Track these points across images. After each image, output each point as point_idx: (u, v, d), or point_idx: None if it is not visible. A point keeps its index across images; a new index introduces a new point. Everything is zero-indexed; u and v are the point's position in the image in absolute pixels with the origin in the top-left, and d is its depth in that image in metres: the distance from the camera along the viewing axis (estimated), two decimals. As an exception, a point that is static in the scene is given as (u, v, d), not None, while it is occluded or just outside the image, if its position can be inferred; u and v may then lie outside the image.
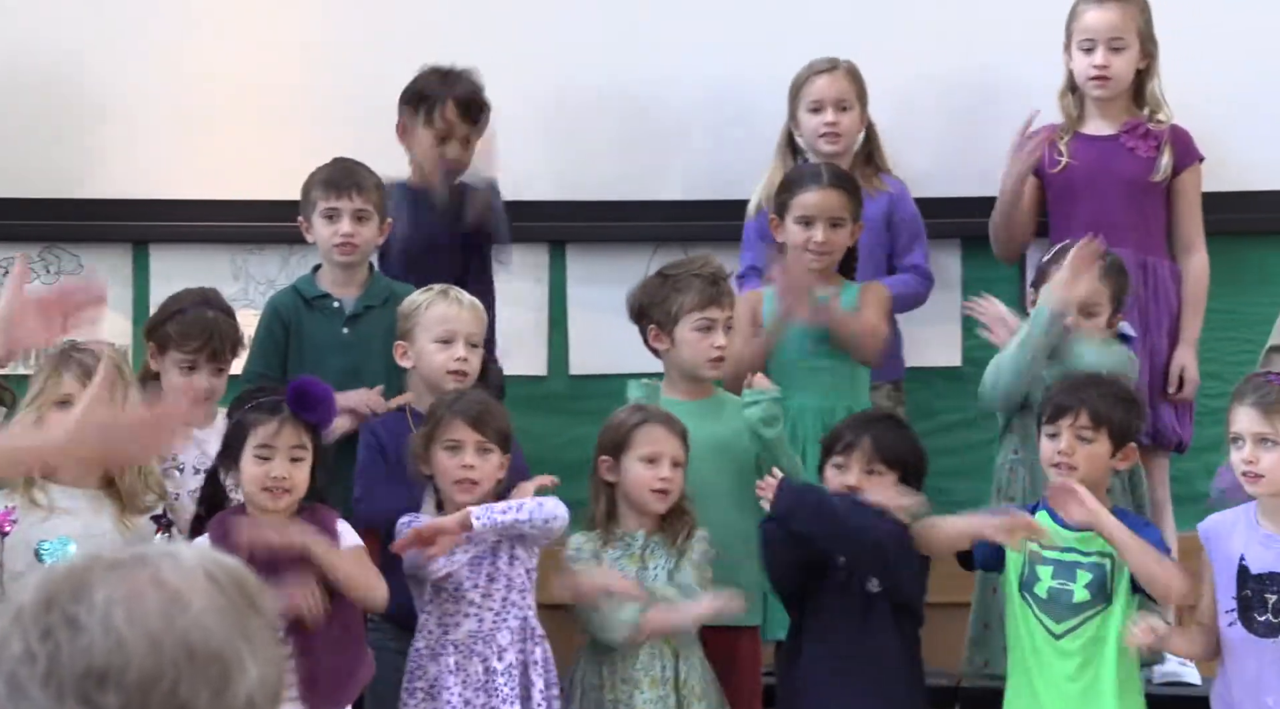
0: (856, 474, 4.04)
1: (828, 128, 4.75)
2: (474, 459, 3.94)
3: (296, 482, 3.85)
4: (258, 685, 1.45)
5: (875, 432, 4.09)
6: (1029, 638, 3.99)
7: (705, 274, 4.34)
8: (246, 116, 5.17)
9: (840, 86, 4.77)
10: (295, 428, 3.85)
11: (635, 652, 4.02)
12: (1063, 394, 4.02)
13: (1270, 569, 3.84)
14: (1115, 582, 3.96)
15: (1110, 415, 3.97)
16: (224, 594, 1.45)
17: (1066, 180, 4.77)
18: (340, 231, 4.50)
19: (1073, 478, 3.97)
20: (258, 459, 3.85)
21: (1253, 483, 3.84)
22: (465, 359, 4.25)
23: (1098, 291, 4.28)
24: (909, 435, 4.16)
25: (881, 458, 4.05)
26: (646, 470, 4.07)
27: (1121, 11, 4.70)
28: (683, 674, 4.05)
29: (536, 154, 5.16)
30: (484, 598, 3.94)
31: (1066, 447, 3.96)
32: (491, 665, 3.92)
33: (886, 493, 4.00)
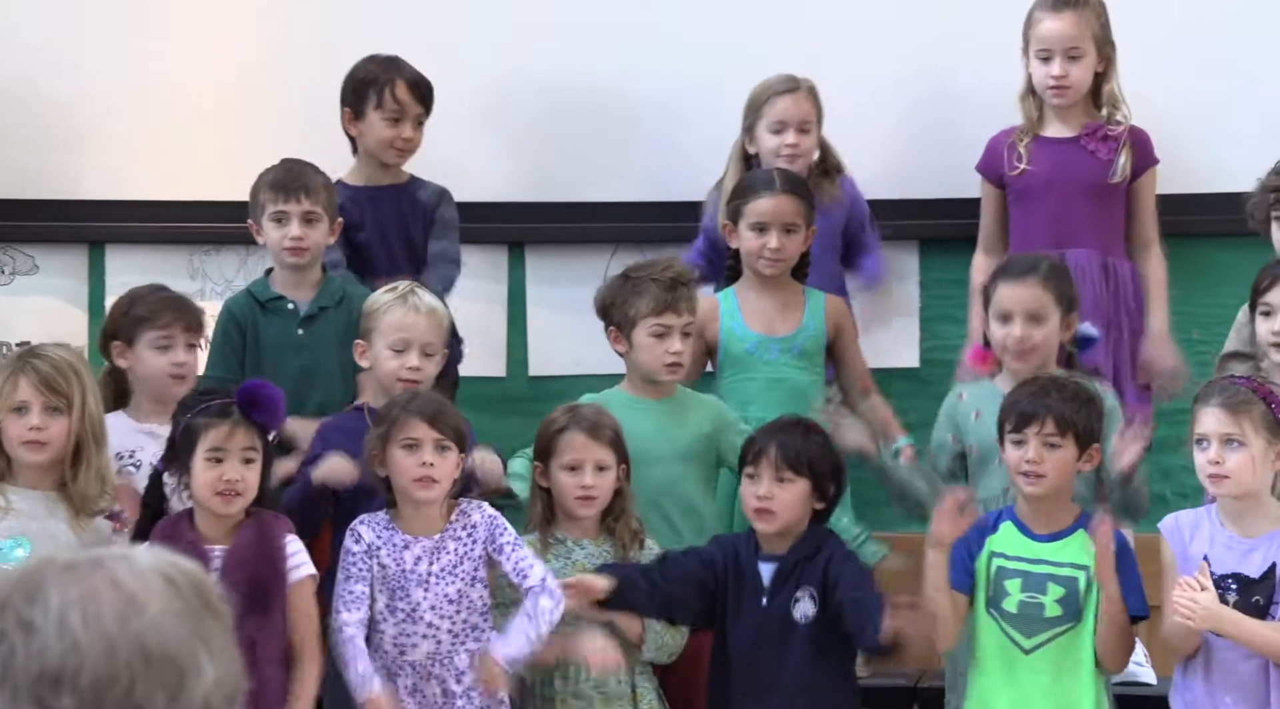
0: (767, 483, 4.03)
1: (789, 148, 4.75)
2: (433, 457, 3.92)
3: (249, 484, 3.83)
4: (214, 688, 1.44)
5: (781, 438, 4.06)
6: (997, 654, 3.95)
7: (663, 279, 4.32)
8: (203, 117, 5.15)
9: (803, 108, 4.77)
10: (247, 430, 3.83)
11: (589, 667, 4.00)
12: (1027, 401, 3.99)
13: (1232, 570, 3.85)
14: (1087, 596, 3.94)
15: (1075, 419, 3.95)
16: (180, 596, 1.45)
17: (1026, 183, 4.79)
18: (289, 235, 4.49)
19: (1041, 486, 3.96)
20: (209, 462, 3.81)
21: (1218, 484, 3.84)
22: (418, 368, 4.22)
23: (1038, 299, 4.25)
24: (819, 439, 4.11)
25: (789, 465, 4.02)
26: (569, 478, 4.06)
27: (1077, 20, 4.71)
28: (639, 688, 4.04)
29: (495, 155, 5.16)
30: (442, 619, 3.92)
31: (1035, 455, 3.93)
32: (450, 688, 3.90)
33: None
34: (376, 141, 4.71)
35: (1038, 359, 4.25)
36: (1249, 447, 3.80)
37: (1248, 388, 3.87)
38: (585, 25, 5.15)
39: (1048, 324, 4.24)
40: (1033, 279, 4.26)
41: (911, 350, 5.15)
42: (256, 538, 3.81)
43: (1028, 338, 4.22)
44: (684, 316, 4.32)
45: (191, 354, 4.33)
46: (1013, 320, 4.23)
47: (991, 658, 3.96)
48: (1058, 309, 4.25)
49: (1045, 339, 4.24)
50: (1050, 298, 4.25)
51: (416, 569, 3.91)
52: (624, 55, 5.14)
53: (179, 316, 4.29)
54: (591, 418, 4.10)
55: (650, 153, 5.14)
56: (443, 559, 3.93)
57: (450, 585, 3.91)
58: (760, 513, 4.04)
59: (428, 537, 3.95)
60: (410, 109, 4.68)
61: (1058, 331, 4.27)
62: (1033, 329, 4.22)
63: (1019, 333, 4.21)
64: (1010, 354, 4.24)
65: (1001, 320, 4.25)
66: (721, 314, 4.63)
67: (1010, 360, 4.26)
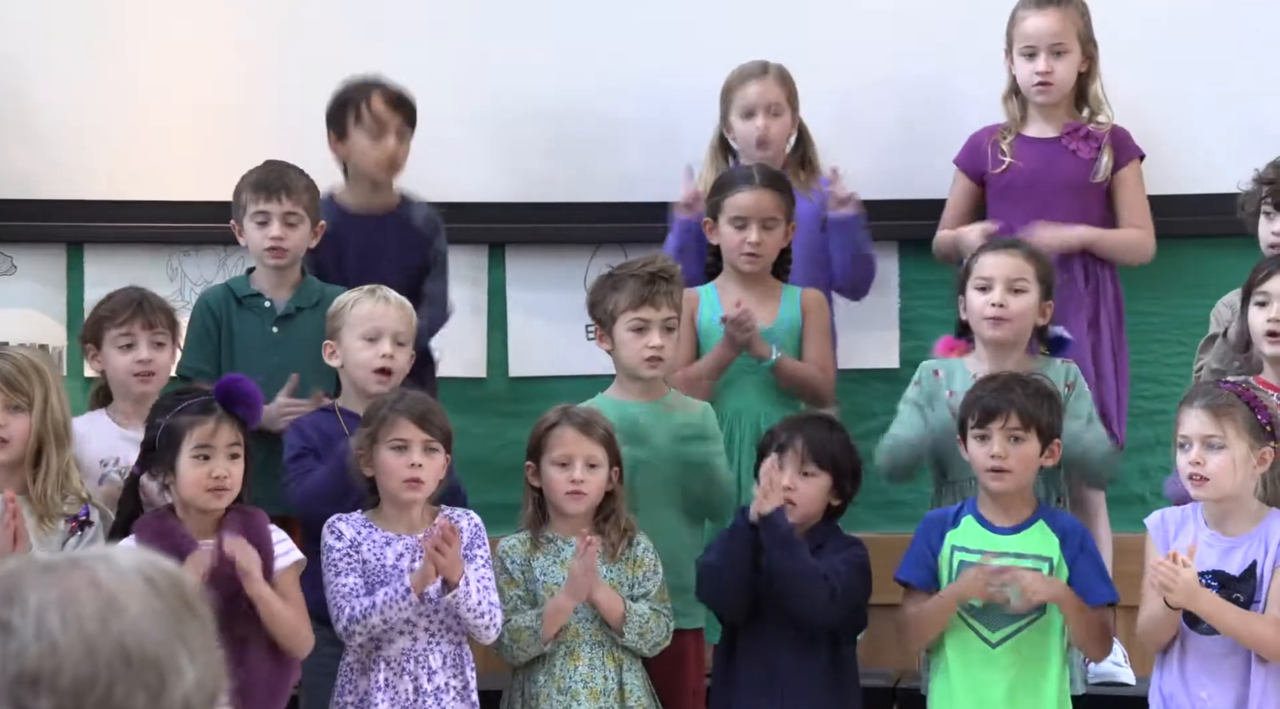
0: (790, 475, 4.04)
1: (759, 132, 4.75)
2: (421, 458, 3.92)
3: (236, 479, 3.84)
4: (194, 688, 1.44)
5: (808, 432, 4.09)
6: (961, 649, 3.97)
7: (642, 274, 4.31)
8: (183, 118, 5.14)
9: (772, 92, 4.78)
10: (230, 425, 3.83)
11: (575, 662, 4.00)
12: (990, 397, 4.01)
13: (1213, 568, 3.85)
14: None
15: (1038, 414, 3.97)
16: (160, 597, 1.44)
17: (1008, 182, 4.80)
18: (270, 236, 4.48)
19: (1007, 480, 3.98)
20: (196, 460, 3.81)
21: (1198, 486, 3.85)
22: (391, 356, 4.22)
23: (1020, 268, 4.27)
24: (842, 437, 4.14)
25: (814, 459, 4.05)
26: (559, 473, 4.06)
27: (1061, 17, 4.73)
28: (627, 685, 4.03)
29: (475, 156, 5.16)
30: (420, 617, 3.91)
31: (999, 449, 3.96)
32: (421, 685, 3.89)
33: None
34: (363, 159, 4.69)
35: (1012, 331, 4.26)
36: (1230, 449, 3.81)
37: (1232, 391, 3.89)
38: (566, 27, 5.15)
39: (1026, 297, 4.26)
40: (1018, 251, 4.32)
41: (891, 351, 5.15)
42: (242, 530, 3.81)
43: (1005, 305, 4.23)
44: (663, 311, 4.30)
45: (159, 351, 4.29)
46: (992, 288, 4.25)
47: (957, 652, 3.98)
48: (1037, 286, 4.27)
49: (1022, 311, 4.25)
50: (1032, 272, 4.28)
51: (398, 565, 3.91)
52: (605, 56, 5.14)
53: (138, 313, 4.27)
54: (584, 415, 4.10)
55: (631, 153, 5.14)
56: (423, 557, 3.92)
57: (431, 586, 3.90)
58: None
59: (410, 535, 3.95)
60: (389, 121, 4.66)
61: (1035, 310, 4.28)
62: (1011, 298, 4.24)
63: (998, 298, 4.23)
64: (987, 322, 4.25)
65: (981, 289, 4.27)
66: (701, 307, 4.63)
67: (987, 329, 4.27)
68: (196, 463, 3.81)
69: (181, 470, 3.82)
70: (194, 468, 3.81)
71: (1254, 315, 4.20)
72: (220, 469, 3.80)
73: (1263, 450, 3.83)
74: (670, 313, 4.31)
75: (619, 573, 4.06)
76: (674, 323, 4.33)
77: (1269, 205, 4.45)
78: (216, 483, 3.80)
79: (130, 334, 4.27)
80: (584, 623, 4.02)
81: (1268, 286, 4.18)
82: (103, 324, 4.30)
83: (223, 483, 3.81)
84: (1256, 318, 4.20)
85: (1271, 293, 4.18)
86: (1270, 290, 4.18)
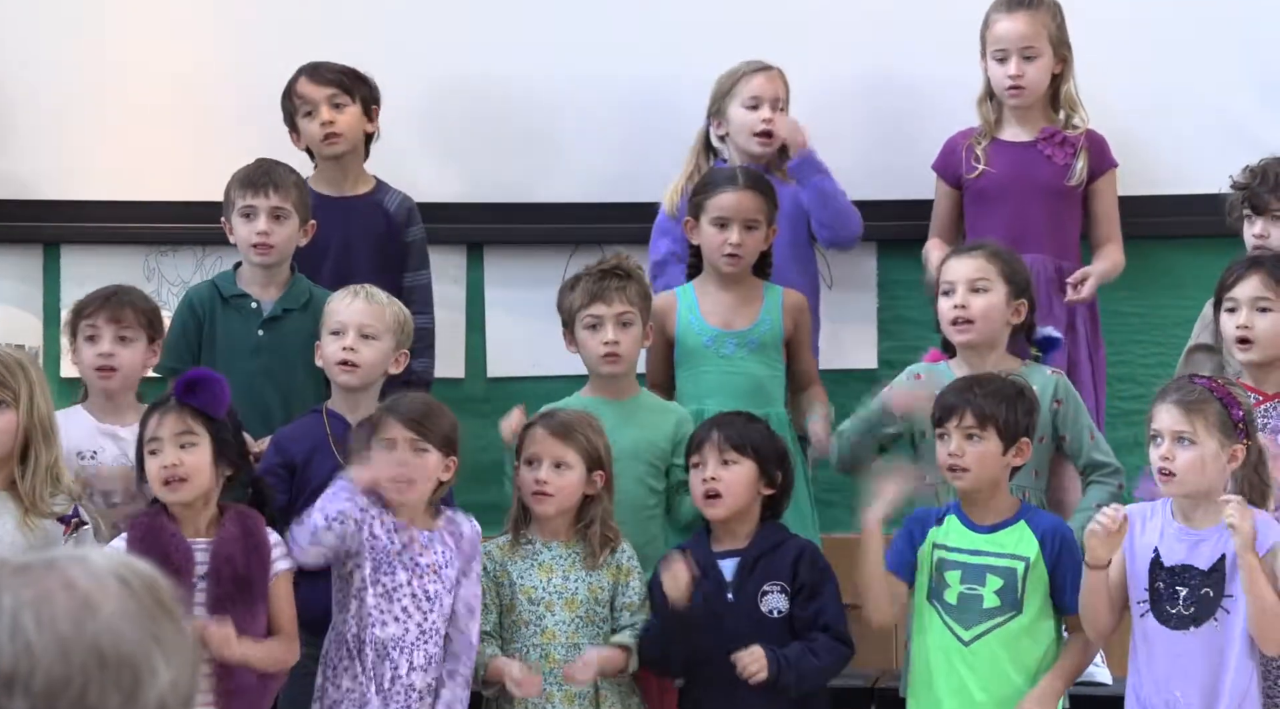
0: (712, 466, 4.06)
1: (765, 124, 4.75)
2: (408, 457, 3.90)
3: (190, 469, 3.79)
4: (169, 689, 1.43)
5: (723, 423, 4.13)
6: (937, 647, 3.98)
7: (595, 271, 4.35)
8: (159, 117, 5.13)
9: (777, 86, 4.79)
10: (179, 414, 3.80)
11: (549, 663, 3.99)
12: (949, 395, 4.04)
13: (1183, 562, 3.87)
14: (1026, 587, 3.97)
15: (995, 413, 3.98)
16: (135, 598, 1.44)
17: (984, 187, 4.81)
18: (256, 230, 4.46)
19: (966, 479, 4.00)
20: (150, 454, 3.80)
21: (1166, 481, 3.86)
22: (352, 349, 4.20)
23: (980, 269, 4.28)
24: (761, 426, 4.17)
25: (733, 447, 4.07)
26: (528, 472, 4.06)
27: (1032, 20, 4.74)
28: (603, 689, 4.03)
29: (454, 156, 5.16)
30: (416, 610, 3.91)
31: (956, 448, 3.98)
32: (399, 674, 3.87)
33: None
34: (309, 142, 4.72)
35: (977, 333, 4.27)
36: (1200, 446, 3.82)
37: (1206, 387, 3.90)
38: (544, 25, 5.15)
39: (989, 296, 4.26)
40: (978, 252, 4.33)
41: (869, 352, 5.16)
42: (241, 531, 3.80)
43: (966, 306, 4.24)
44: (616, 306, 4.31)
45: (123, 347, 4.23)
46: (954, 292, 4.27)
47: (933, 650, 3.99)
48: (1003, 285, 4.28)
49: (985, 311, 4.26)
50: (994, 270, 4.28)
51: (403, 555, 3.90)
52: (583, 55, 5.13)
53: (104, 307, 4.24)
54: (564, 418, 4.11)
55: (609, 153, 5.14)
56: (431, 556, 3.93)
57: (432, 584, 3.91)
58: (709, 498, 4.07)
59: (419, 529, 3.94)
60: (316, 96, 4.67)
61: (1002, 309, 4.28)
62: (972, 298, 4.25)
63: (959, 300, 4.25)
64: (953, 327, 4.27)
65: (945, 294, 4.29)
66: (680, 307, 4.63)
67: (954, 334, 4.29)
68: (151, 458, 3.80)
69: (146, 467, 3.82)
70: (150, 462, 3.80)
71: (1225, 322, 4.22)
72: (168, 458, 3.77)
73: (1234, 448, 3.84)
74: (624, 308, 4.32)
75: (600, 580, 4.06)
76: (630, 318, 4.33)
77: (1247, 209, 4.48)
78: (168, 473, 3.76)
79: (95, 327, 4.24)
80: (559, 626, 4.02)
81: (1236, 293, 4.20)
82: (74, 319, 4.29)
83: (174, 472, 3.77)
84: (1227, 324, 4.22)
85: (1240, 299, 4.20)
86: (1238, 296, 4.20)
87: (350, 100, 4.70)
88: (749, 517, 4.11)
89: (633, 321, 4.34)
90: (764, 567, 4.05)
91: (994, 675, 3.95)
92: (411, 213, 4.78)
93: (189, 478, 3.78)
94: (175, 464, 3.76)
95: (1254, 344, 4.18)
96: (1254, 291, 4.19)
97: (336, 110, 4.68)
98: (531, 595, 4.02)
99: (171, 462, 3.76)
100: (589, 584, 4.04)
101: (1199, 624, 3.83)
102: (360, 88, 4.72)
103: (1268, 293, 4.19)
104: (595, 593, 4.04)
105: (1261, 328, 4.18)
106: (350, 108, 4.70)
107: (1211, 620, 3.82)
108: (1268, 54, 5.10)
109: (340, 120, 4.68)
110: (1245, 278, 4.21)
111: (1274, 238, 4.44)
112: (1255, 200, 4.47)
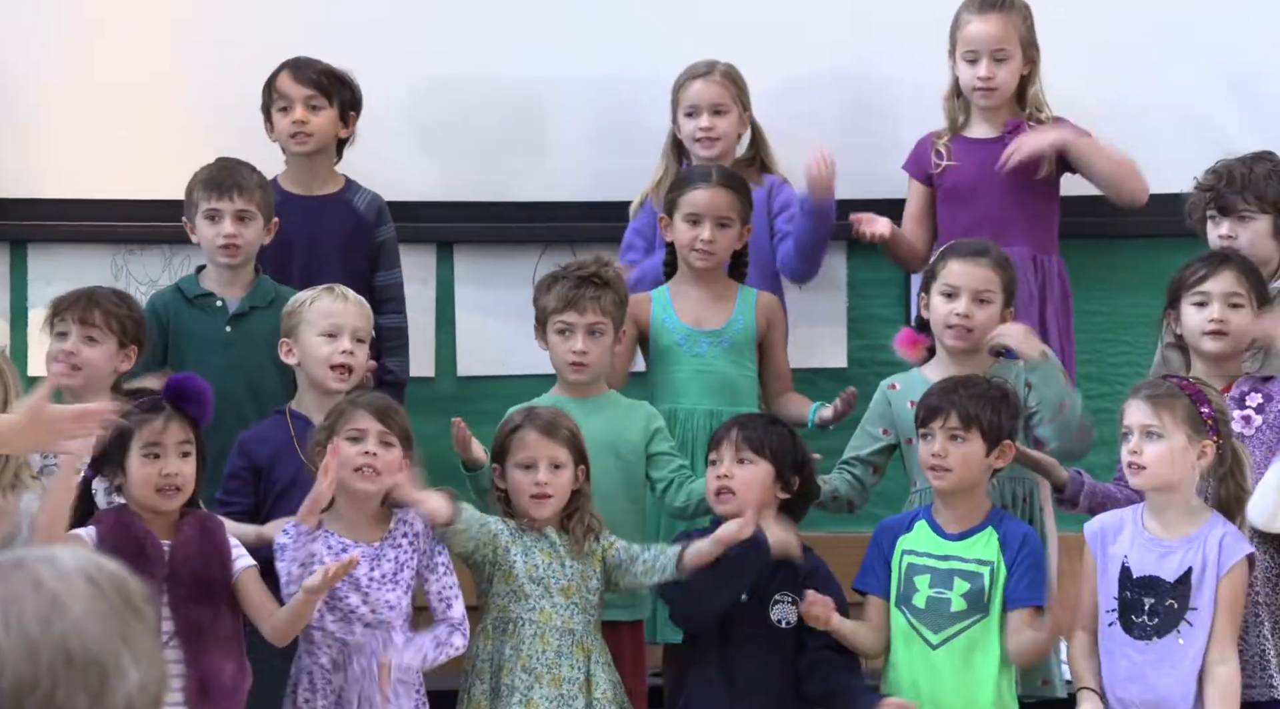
0: (727, 464, 4.06)
1: (702, 132, 4.76)
2: (376, 448, 3.90)
3: (187, 478, 3.81)
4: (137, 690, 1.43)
5: (744, 423, 4.13)
6: (906, 649, 4.00)
7: (572, 276, 4.34)
8: (126, 115, 5.10)
9: (715, 90, 4.78)
10: (180, 423, 3.81)
11: (543, 645, 3.99)
12: (934, 397, 4.07)
13: (1150, 573, 3.89)
14: (992, 591, 3.98)
15: (979, 415, 4.01)
16: (104, 598, 1.43)
17: (953, 184, 4.83)
18: (222, 233, 4.46)
19: (948, 479, 4.01)
20: (146, 458, 3.78)
21: (1135, 474, 3.90)
22: (350, 353, 4.21)
23: (988, 279, 4.31)
24: (782, 430, 4.16)
25: (751, 447, 4.06)
26: (524, 476, 4.05)
27: (1003, 22, 4.76)
28: (594, 677, 4.02)
29: (424, 154, 5.14)
30: (381, 622, 3.89)
31: (939, 448, 3.99)
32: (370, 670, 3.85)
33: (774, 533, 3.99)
34: (279, 135, 4.72)
35: (974, 341, 4.30)
36: (1169, 439, 3.85)
37: (1175, 384, 3.93)
38: (515, 25, 5.14)
39: (991, 308, 4.31)
40: (985, 260, 4.34)
41: (839, 350, 5.17)
42: (200, 533, 3.79)
43: (971, 316, 4.27)
44: (588, 316, 4.32)
45: (89, 347, 4.21)
46: (959, 297, 4.29)
47: (901, 653, 4.01)
48: (1002, 295, 4.33)
49: (986, 322, 4.30)
50: (999, 282, 4.32)
51: (354, 575, 3.88)
52: (555, 57, 5.13)
53: (74, 307, 4.23)
54: (547, 417, 4.10)
55: (580, 153, 5.14)
56: (383, 566, 3.92)
57: (390, 593, 3.91)
58: (721, 494, 4.06)
59: (367, 544, 3.93)
60: (294, 94, 4.67)
61: (998, 319, 4.32)
62: (977, 309, 4.28)
63: (963, 309, 4.27)
64: (950, 331, 4.28)
65: (947, 296, 4.31)
66: (654, 306, 4.64)
67: (950, 338, 4.30)
68: (146, 462, 3.78)
69: (131, 470, 3.79)
70: (144, 467, 3.78)
71: (1192, 316, 4.25)
72: (171, 467, 3.78)
73: (1203, 443, 3.86)
74: (596, 318, 4.32)
75: (585, 568, 4.05)
76: (602, 328, 4.33)
77: (1213, 210, 4.51)
78: (166, 481, 3.77)
79: (64, 322, 4.23)
80: (556, 609, 4.01)
81: (1208, 287, 4.23)
82: (53, 313, 4.28)
83: (173, 481, 3.78)
84: (1195, 318, 4.24)
85: (1213, 293, 4.23)
86: (1211, 290, 4.23)
87: (327, 103, 4.70)
88: (763, 520, 4.05)
89: (604, 331, 4.35)
90: (780, 576, 4.03)
91: (961, 678, 3.96)
92: (382, 212, 4.77)
93: (183, 488, 3.79)
94: (177, 473, 3.77)
95: (1227, 336, 4.21)
96: (1227, 287, 4.23)
97: (312, 112, 4.68)
98: (533, 575, 4.02)
99: (174, 470, 3.77)
100: (581, 571, 4.04)
101: (1162, 635, 3.85)
102: (340, 91, 4.71)
103: (1240, 289, 4.23)
104: (585, 580, 4.05)
105: (1235, 323, 4.22)
106: (326, 111, 4.70)
107: (1174, 633, 3.84)
108: (1234, 54, 5.13)
109: (313, 122, 4.68)
110: (1217, 273, 4.24)
111: (1241, 239, 4.47)
112: (1221, 202, 4.50)
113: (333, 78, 4.71)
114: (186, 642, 3.71)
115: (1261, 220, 4.48)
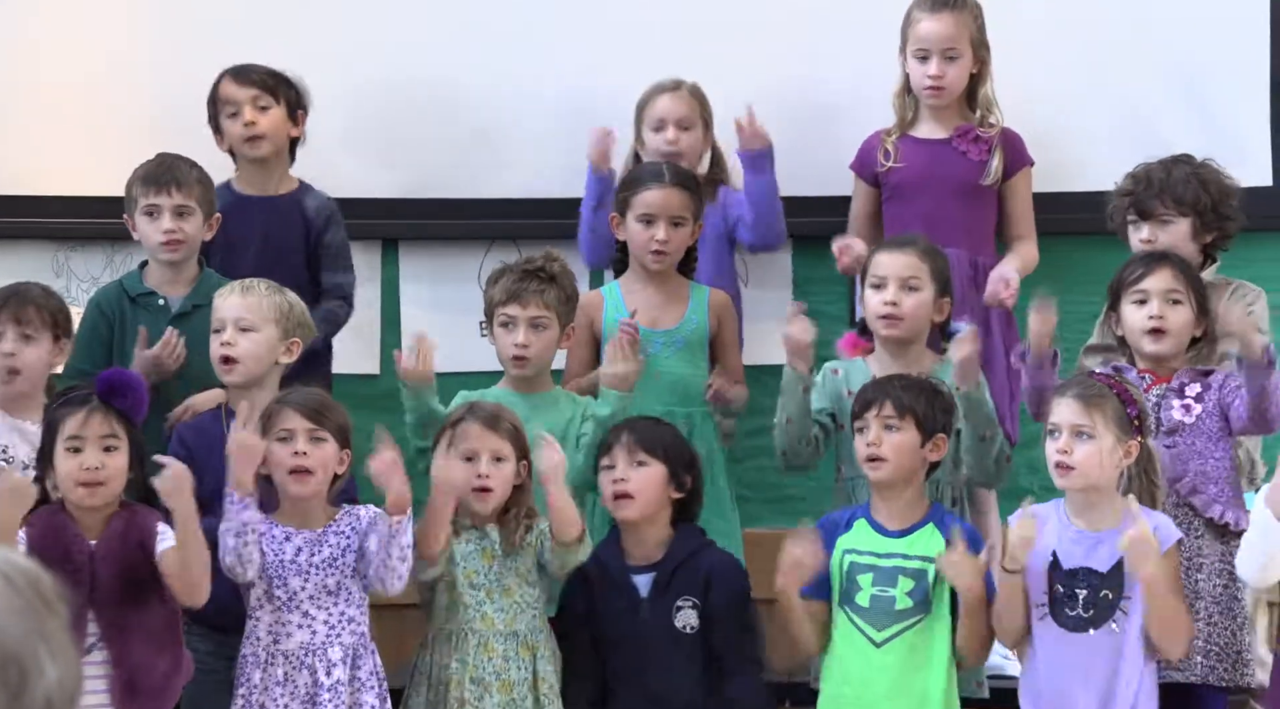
0: (622, 466, 4.07)
1: (669, 146, 4.77)
2: (306, 447, 3.89)
3: (111, 472, 3.73)
4: (56, 687, 1.43)
5: (635, 425, 4.16)
6: (849, 648, 4.01)
7: (517, 270, 4.35)
8: (68, 112, 5.08)
9: (682, 106, 4.81)
10: (105, 416, 3.74)
11: (488, 654, 3.99)
12: (868, 389, 4.12)
13: (1081, 564, 3.90)
14: (936, 588, 3.99)
15: (914, 405, 4.04)
16: (20, 595, 1.43)
17: (899, 183, 4.85)
18: (162, 228, 4.45)
19: (884, 469, 4.03)
20: (69, 452, 3.73)
21: (1064, 475, 3.91)
22: (229, 343, 4.18)
23: (913, 266, 4.34)
24: (670, 429, 4.20)
25: (644, 448, 4.08)
26: (466, 469, 4.04)
27: (955, 21, 4.78)
28: (540, 673, 4.02)
29: (368, 151, 5.14)
30: (319, 610, 3.89)
31: (874, 437, 4.02)
32: (319, 679, 3.85)
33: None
34: (231, 141, 4.71)
35: (905, 330, 4.34)
36: (1098, 439, 3.87)
37: (1104, 383, 3.95)
38: (460, 23, 5.14)
39: (920, 295, 4.33)
40: (911, 249, 4.38)
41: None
42: (125, 530, 3.73)
43: (899, 304, 4.29)
44: (530, 309, 4.33)
45: (26, 346, 4.17)
46: (886, 287, 4.31)
47: (844, 652, 4.02)
48: (932, 284, 4.35)
49: (915, 309, 4.33)
50: (926, 269, 4.35)
51: (296, 560, 3.88)
52: (501, 54, 5.13)
53: (6, 306, 4.18)
54: (490, 410, 4.10)
55: (525, 150, 5.13)
56: (324, 551, 3.90)
57: (330, 577, 3.89)
58: (619, 499, 4.07)
59: (310, 530, 3.92)
60: (239, 97, 4.67)
61: (929, 307, 4.34)
62: (904, 296, 4.31)
63: (891, 296, 4.30)
64: (881, 321, 4.31)
65: (876, 288, 4.34)
66: (606, 306, 4.64)
67: (881, 327, 4.33)
68: (69, 455, 3.72)
69: (57, 464, 3.74)
70: (67, 461, 3.72)
71: (1132, 314, 4.28)
72: (91, 460, 3.71)
73: (1129, 443, 3.89)
74: (539, 312, 4.34)
75: (521, 561, 4.05)
76: (545, 321, 4.35)
77: (1133, 215, 4.55)
78: (88, 475, 3.70)
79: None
80: (499, 613, 4.01)
81: (1147, 285, 4.27)
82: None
83: (95, 475, 3.71)
84: (1135, 316, 4.28)
85: (1150, 290, 4.27)
86: (1150, 288, 4.27)
87: (274, 102, 4.69)
88: (659, 522, 4.11)
89: (547, 325, 4.35)
90: (678, 582, 4.05)
91: (905, 675, 3.97)
92: (332, 216, 4.75)
93: (108, 482, 3.72)
94: (98, 467, 3.70)
95: (1167, 334, 4.25)
96: (1165, 284, 4.27)
97: (261, 112, 4.68)
98: (473, 580, 4.01)
99: (94, 463, 3.70)
100: (516, 567, 4.04)
101: (1097, 626, 3.87)
102: (286, 91, 4.71)
103: (1178, 285, 4.27)
104: (524, 576, 4.05)
105: (1174, 319, 4.25)
106: (274, 110, 4.69)
107: (1110, 623, 3.86)
108: (1175, 54, 5.17)
109: (263, 122, 4.67)
110: (1155, 271, 4.28)
111: (1160, 242, 4.51)
112: (1141, 206, 4.54)
113: (276, 77, 4.72)
114: (111, 640, 3.66)
115: (1181, 223, 4.52)
